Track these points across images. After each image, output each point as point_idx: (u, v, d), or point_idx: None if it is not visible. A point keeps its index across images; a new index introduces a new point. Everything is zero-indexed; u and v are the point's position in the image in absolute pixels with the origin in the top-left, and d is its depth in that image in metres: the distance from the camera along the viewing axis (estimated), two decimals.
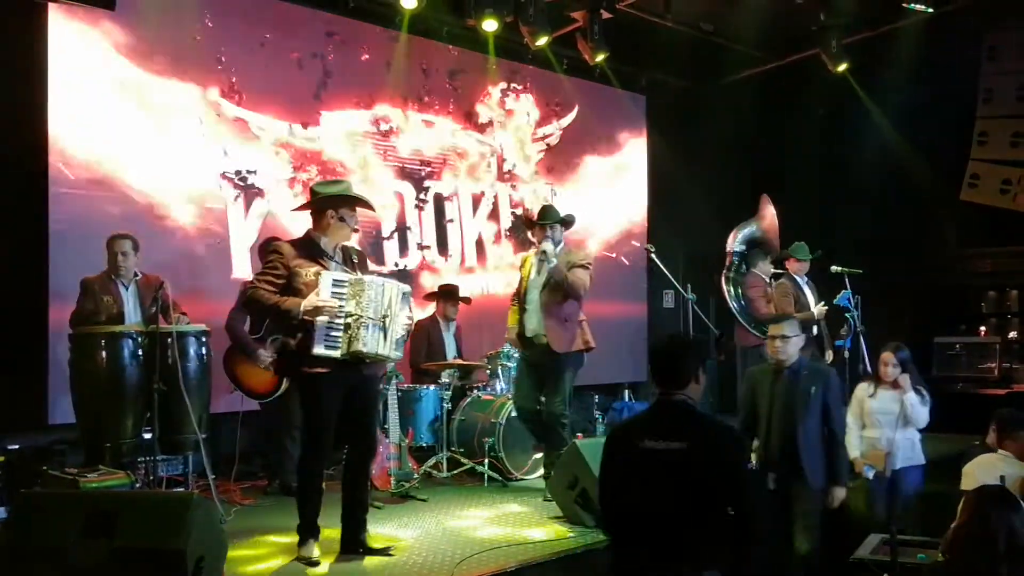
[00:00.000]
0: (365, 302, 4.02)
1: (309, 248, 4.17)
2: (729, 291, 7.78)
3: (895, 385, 4.97)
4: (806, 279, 7.13)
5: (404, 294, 4.27)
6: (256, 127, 6.74)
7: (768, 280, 7.33)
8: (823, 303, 7.00)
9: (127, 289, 5.18)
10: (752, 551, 2.89)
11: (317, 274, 4.04)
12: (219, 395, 5.54)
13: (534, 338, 5.41)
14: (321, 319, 3.95)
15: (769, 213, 7.93)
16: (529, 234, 5.78)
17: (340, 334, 3.99)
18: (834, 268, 7.11)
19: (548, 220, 5.47)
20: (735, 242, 7.97)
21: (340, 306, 3.98)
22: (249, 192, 6.72)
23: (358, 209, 4.33)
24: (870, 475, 4.98)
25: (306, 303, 3.96)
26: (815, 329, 6.94)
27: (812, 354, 6.96)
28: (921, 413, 4.97)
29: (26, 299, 5.67)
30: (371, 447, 4.40)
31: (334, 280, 4.02)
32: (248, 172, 6.71)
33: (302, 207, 4.37)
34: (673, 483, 2.83)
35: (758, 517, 2.93)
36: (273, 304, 4.05)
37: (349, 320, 3.99)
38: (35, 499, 3.80)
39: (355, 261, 4.32)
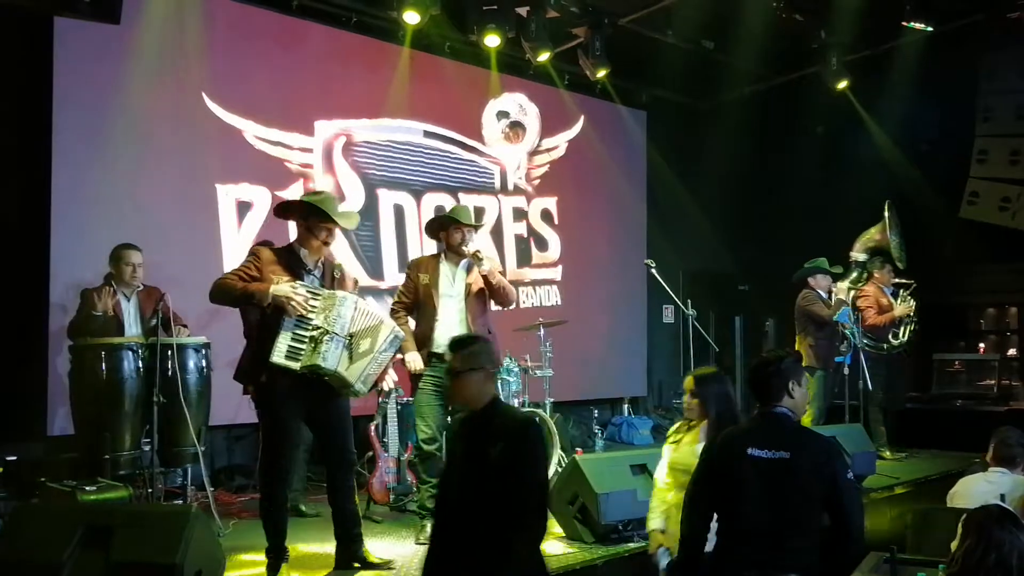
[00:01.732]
0: (333, 317, 3.90)
1: (288, 258, 4.09)
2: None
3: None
4: (828, 295, 7.15)
5: (396, 338, 4.14)
6: (251, 136, 6.73)
7: (887, 291, 7.37)
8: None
9: (128, 300, 5.18)
10: (853, 554, 3.08)
11: (289, 282, 3.94)
12: (219, 408, 5.52)
13: (447, 353, 4.99)
14: (287, 327, 3.82)
15: (889, 221, 7.73)
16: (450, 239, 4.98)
17: (304, 346, 3.86)
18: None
19: (468, 221, 4.92)
20: (856, 251, 7.87)
21: (312, 307, 3.86)
22: (243, 205, 6.68)
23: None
24: (663, 563, 3.64)
25: (277, 288, 3.83)
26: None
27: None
28: None
29: (26, 309, 5.67)
30: (345, 461, 4.22)
31: (308, 290, 3.93)
32: (244, 184, 6.68)
33: (276, 210, 4.35)
34: (776, 490, 3.01)
35: (859, 524, 3.08)
36: (240, 290, 3.91)
37: (315, 333, 3.87)
38: (32, 511, 3.79)
39: (336, 277, 4.21)
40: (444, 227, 4.98)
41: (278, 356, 3.84)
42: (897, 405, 7.46)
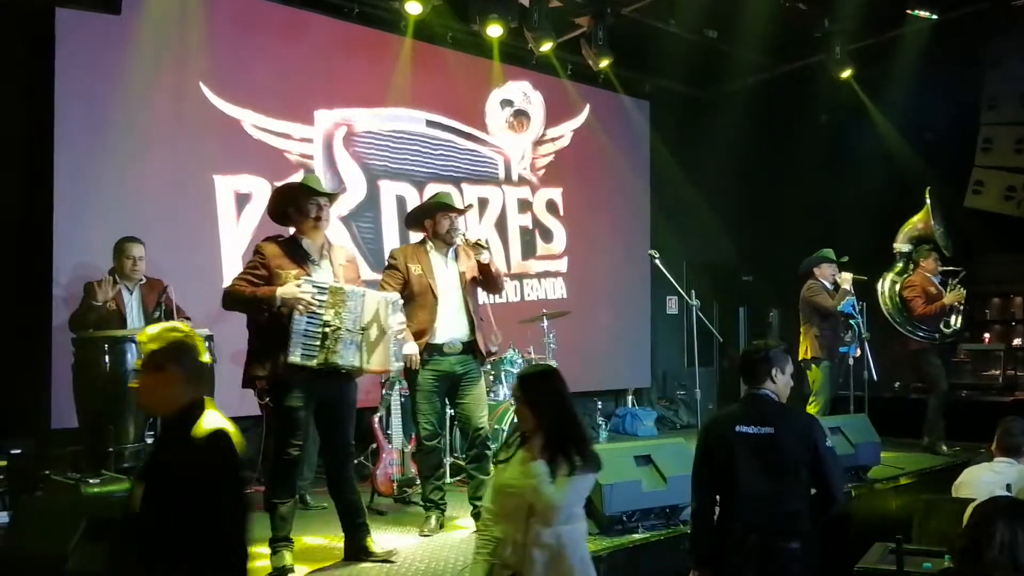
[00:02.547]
0: (344, 313, 3.92)
1: (292, 249, 4.08)
2: (883, 292, 7.60)
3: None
4: (833, 285, 7.11)
5: (394, 304, 4.15)
6: (250, 126, 6.66)
7: (934, 280, 7.33)
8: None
9: (131, 294, 5.18)
10: (835, 512, 3.42)
11: (298, 277, 3.95)
12: (222, 400, 5.50)
13: (446, 345, 4.68)
14: (298, 326, 3.85)
15: (932, 208, 7.65)
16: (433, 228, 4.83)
17: (316, 343, 3.89)
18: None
19: (456, 206, 4.81)
20: (900, 242, 7.78)
21: (320, 303, 3.87)
22: (241, 197, 6.61)
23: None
24: None
25: (283, 290, 3.84)
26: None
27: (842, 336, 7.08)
28: (547, 495, 2.79)
29: (29, 302, 5.67)
30: (347, 455, 4.26)
31: (315, 285, 3.93)
32: (243, 176, 6.61)
33: (273, 218, 4.28)
34: (765, 461, 3.33)
35: (839, 485, 3.43)
36: (250, 295, 3.93)
37: (326, 330, 3.89)
38: (36, 505, 3.80)
39: (342, 264, 4.20)
40: (430, 214, 4.82)
41: (294, 356, 3.86)
42: (942, 399, 7.40)
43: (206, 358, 2.62)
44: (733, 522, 3.35)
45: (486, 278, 4.79)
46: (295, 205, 4.11)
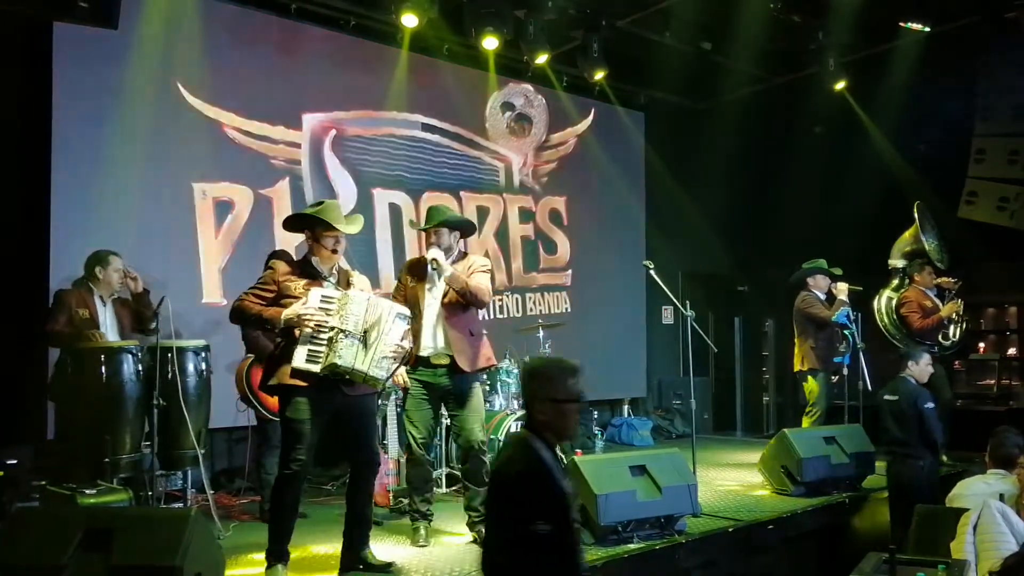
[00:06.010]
0: (346, 315, 3.94)
1: (304, 268, 4.16)
2: (879, 310, 7.57)
3: None
4: (827, 296, 7.12)
5: (399, 315, 4.12)
6: (234, 131, 6.63)
7: (929, 293, 7.33)
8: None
9: (104, 305, 5.16)
10: (936, 451, 5.69)
11: (306, 287, 4.00)
12: (218, 410, 5.52)
13: (431, 357, 4.74)
14: (305, 331, 3.89)
15: (921, 224, 7.62)
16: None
17: (322, 348, 3.92)
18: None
19: (433, 223, 4.82)
20: (894, 259, 7.76)
21: (325, 320, 3.91)
22: (222, 205, 6.55)
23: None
24: None
25: (288, 312, 3.92)
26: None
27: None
28: None
29: (25, 312, 5.67)
30: (371, 462, 4.29)
31: (322, 296, 3.96)
32: (224, 183, 6.55)
33: (285, 224, 4.38)
34: (895, 417, 5.67)
35: (936, 431, 5.60)
36: (256, 314, 4.01)
37: (331, 334, 3.92)
38: (32, 515, 3.79)
39: (352, 284, 4.25)
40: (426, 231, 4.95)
41: (298, 361, 3.90)
42: (947, 407, 7.40)
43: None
44: (884, 446, 5.88)
45: (457, 293, 4.73)
46: (313, 233, 4.16)
